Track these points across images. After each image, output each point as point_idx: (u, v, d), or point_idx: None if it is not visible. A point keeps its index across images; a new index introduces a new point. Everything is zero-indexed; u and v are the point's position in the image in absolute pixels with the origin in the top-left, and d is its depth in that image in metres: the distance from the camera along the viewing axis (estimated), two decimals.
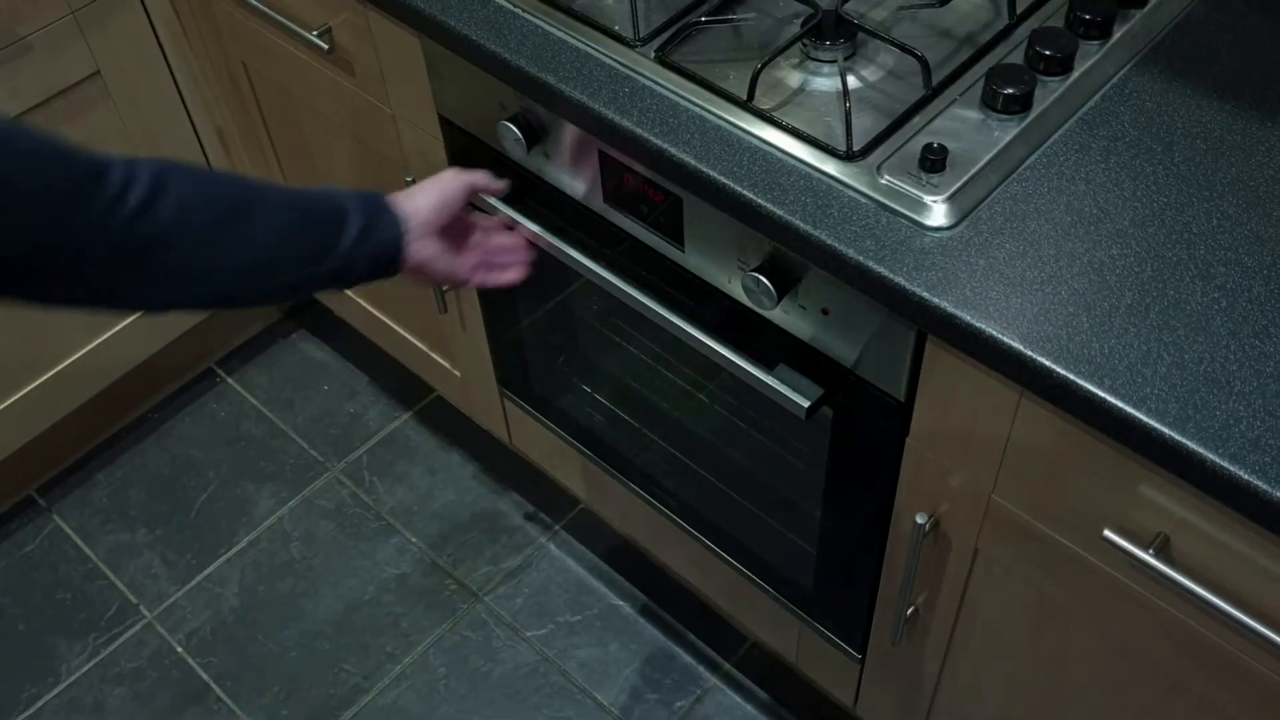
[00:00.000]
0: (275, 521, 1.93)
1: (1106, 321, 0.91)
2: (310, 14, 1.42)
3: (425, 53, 1.29)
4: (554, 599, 1.82)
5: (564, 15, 1.18)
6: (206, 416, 2.07)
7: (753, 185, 1.02)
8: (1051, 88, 1.06)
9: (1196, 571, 0.92)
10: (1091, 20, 1.09)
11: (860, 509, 1.22)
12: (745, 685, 1.72)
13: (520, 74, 1.15)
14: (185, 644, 1.80)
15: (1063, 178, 1.01)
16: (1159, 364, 0.88)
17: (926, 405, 1.05)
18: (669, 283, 1.22)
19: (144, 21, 1.63)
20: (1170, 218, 0.97)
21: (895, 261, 0.95)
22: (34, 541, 1.92)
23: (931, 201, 0.98)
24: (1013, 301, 0.92)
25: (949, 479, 1.08)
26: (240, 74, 1.68)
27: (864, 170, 1.01)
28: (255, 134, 1.77)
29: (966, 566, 1.14)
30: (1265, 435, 0.83)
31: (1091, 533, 0.97)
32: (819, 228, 0.98)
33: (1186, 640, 0.98)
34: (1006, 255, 0.96)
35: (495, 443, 1.89)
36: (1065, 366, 0.88)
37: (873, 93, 1.09)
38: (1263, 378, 0.87)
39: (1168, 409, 0.85)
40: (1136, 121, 1.05)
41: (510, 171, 1.31)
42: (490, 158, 1.33)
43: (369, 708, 1.72)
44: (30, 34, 1.52)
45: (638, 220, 1.19)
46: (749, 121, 1.07)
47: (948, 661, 1.27)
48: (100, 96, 1.64)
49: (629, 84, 1.11)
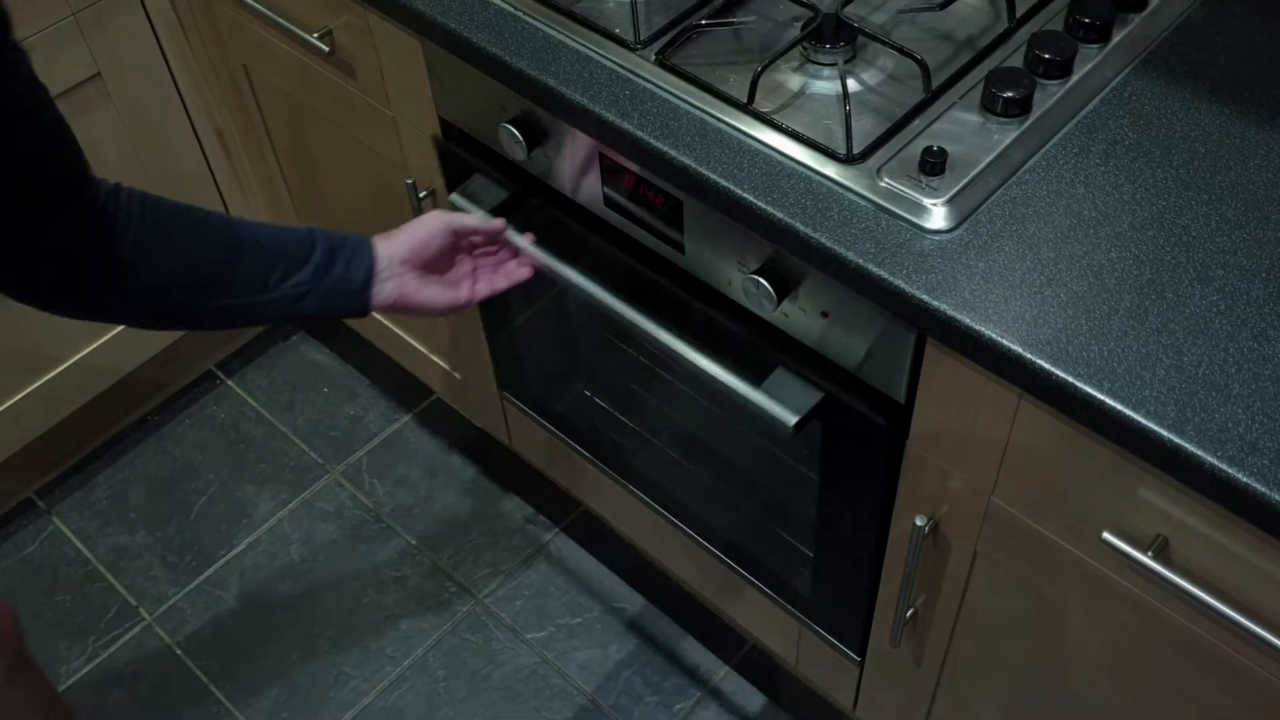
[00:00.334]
0: (275, 524, 1.93)
1: (1105, 324, 0.91)
2: (311, 16, 1.42)
3: (426, 55, 1.29)
4: (554, 601, 1.82)
5: (564, 18, 1.18)
6: (206, 419, 2.07)
7: (753, 188, 1.02)
8: (1051, 91, 1.06)
9: (1195, 574, 0.92)
10: (1091, 24, 1.09)
11: (859, 511, 1.22)
12: (745, 688, 1.72)
13: (521, 76, 1.15)
14: (184, 646, 1.80)
15: (1062, 181, 1.01)
16: (1158, 366, 0.88)
17: (926, 408, 1.05)
18: (664, 292, 1.22)
19: (144, 23, 1.64)
20: (1169, 221, 0.98)
21: (895, 264, 0.96)
22: (33, 544, 1.92)
23: (931, 204, 0.99)
24: (1012, 304, 0.93)
25: (948, 481, 1.08)
26: (241, 76, 1.68)
27: (864, 173, 1.02)
28: (255, 136, 1.77)
29: (966, 569, 1.14)
30: (1264, 438, 0.83)
31: (1090, 535, 0.98)
32: (819, 230, 0.99)
33: (1185, 642, 0.98)
34: (1006, 258, 0.96)
35: (495, 445, 1.89)
36: (1064, 369, 0.88)
37: (872, 96, 1.09)
38: (1261, 380, 0.87)
39: (1166, 411, 0.85)
40: (1135, 125, 1.05)
41: (511, 173, 1.31)
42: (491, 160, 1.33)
43: (368, 710, 1.72)
44: (31, 35, 1.52)
45: (638, 223, 1.19)
46: (749, 124, 1.07)
47: (947, 664, 1.27)
48: (101, 98, 1.64)
49: (629, 86, 1.12)
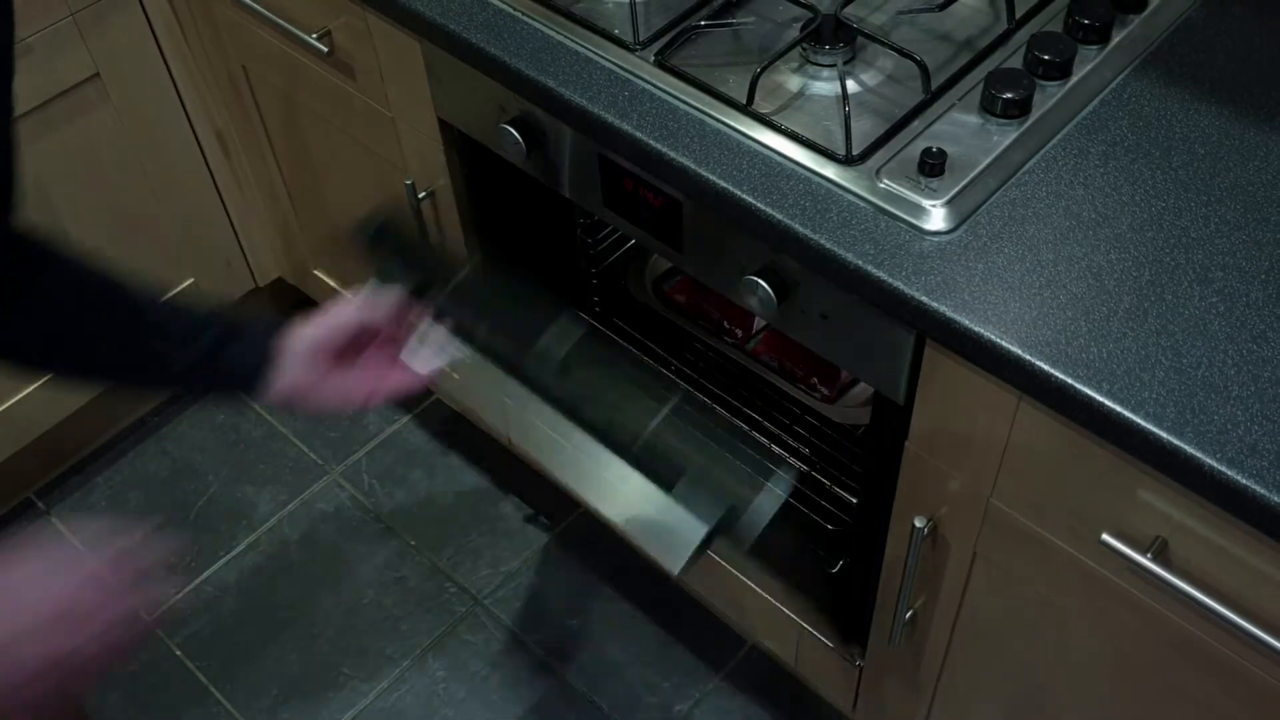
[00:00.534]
0: (275, 524, 1.93)
1: (1105, 325, 0.91)
2: (310, 17, 1.42)
3: (425, 56, 1.29)
4: (553, 602, 1.82)
5: (563, 18, 1.18)
6: (206, 419, 2.07)
7: (752, 189, 1.02)
8: (1050, 92, 1.06)
9: (1194, 575, 0.92)
10: (1090, 25, 1.09)
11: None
12: (744, 689, 1.72)
13: (520, 77, 1.15)
14: (184, 647, 1.80)
15: (1061, 182, 1.01)
16: (1157, 368, 0.88)
17: (925, 409, 1.05)
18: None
19: (143, 24, 1.63)
20: (1168, 222, 0.98)
21: (894, 265, 0.96)
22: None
23: (930, 206, 0.99)
24: (1011, 305, 0.92)
25: (948, 482, 1.08)
26: (240, 77, 1.68)
27: (863, 174, 1.02)
28: (254, 137, 1.77)
29: (965, 570, 1.14)
30: (1263, 440, 0.83)
31: (1089, 536, 0.97)
32: (818, 231, 0.99)
33: (1184, 644, 0.98)
34: (1005, 259, 0.96)
35: (495, 445, 1.89)
36: (1064, 370, 0.88)
37: (872, 97, 1.09)
38: (1260, 382, 0.87)
39: (1166, 413, 0.85)
40: (1135, 126, 1.05)
41: (511, 175, 1.31)
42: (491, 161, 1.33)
43: (368, 710, 1.72)
44: (30, 35, 1.52)
45: (636, 224, 1.19)
46: (748, 125, 1.07)
47: (946, 665, 1.27)
48: (99, 99, 1.64)
49: (628, 87, 1.11)
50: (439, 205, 1.47)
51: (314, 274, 1.94)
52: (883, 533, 1.20)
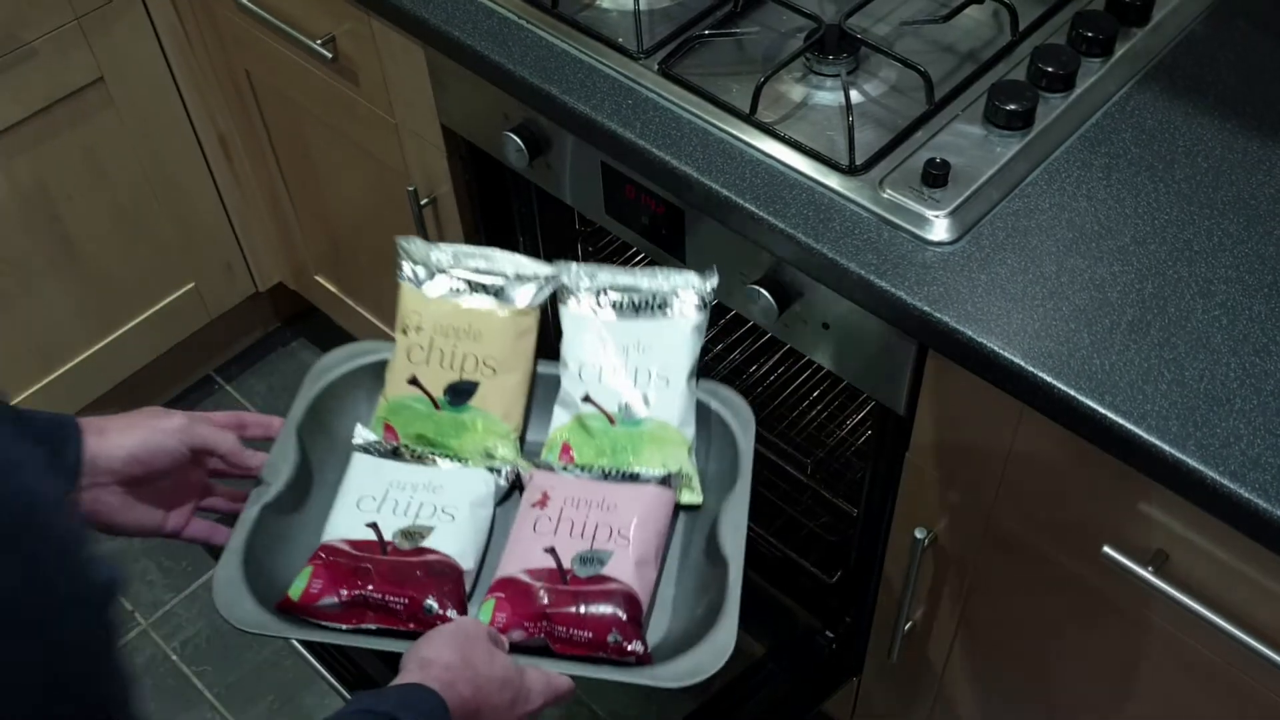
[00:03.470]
0: None
1: (1107, 338, 0.91)
2: (314, 22, 1.43)
3: (429, 63, 1.29)
4: None
5: (568, 27, 1.18)
6: None
7: (755, 198, 1.02)
8: (1053, 104, 1.06)
9: (1195, 588, 0.92)
10: (1094, 38, 1.09)
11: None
12: None
13: (524, 85, 1.15)
14: (180, 652, 1.79)
15: (1064, 194, 1.01)
16: (1160, 381, 0.88)
17: (927, 420, 1.05)
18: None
19: (148, 28, 1.64)
20: (1171, 235, 0.98)
21: (897, 276, 0.96)
22: None
23: (933, 216, 0.98)
24: (1014, 317, 0.92)
25: (949, 494, 1.08)
26: (243, 81, 1.68)
27: (866, 184, 1.02)
28: (258, 142, 1.77)
29: (965, 582, 1.14)
30: (1265, 453, 0.83)
31: (1091, 549, 0.97)
32: (821, 241, 0.98)
33: (1185, 657, 0.98)
34: (1008, 271, 0.96)
35: None
36: (1066, 382, 0.88)
37: (875, 107, 1.09)
38: (1263, 395, 0.87)
39: (1168, 426, 0.85)
40: (1138, 139, 1.05)
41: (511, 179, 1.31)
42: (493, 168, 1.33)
43: None
44: (34, 39, 1.52)
45: (638, 232, 1.19)
46: (751, 134, 1.07)
47: (945, 677, 1.27)
48: (103, 102, 1.64)
49: (632, 96, 1.12)
50: (441, 212, 1.47)
51: (315, 279, 1.94)
52: (883, 544, 1.20)
